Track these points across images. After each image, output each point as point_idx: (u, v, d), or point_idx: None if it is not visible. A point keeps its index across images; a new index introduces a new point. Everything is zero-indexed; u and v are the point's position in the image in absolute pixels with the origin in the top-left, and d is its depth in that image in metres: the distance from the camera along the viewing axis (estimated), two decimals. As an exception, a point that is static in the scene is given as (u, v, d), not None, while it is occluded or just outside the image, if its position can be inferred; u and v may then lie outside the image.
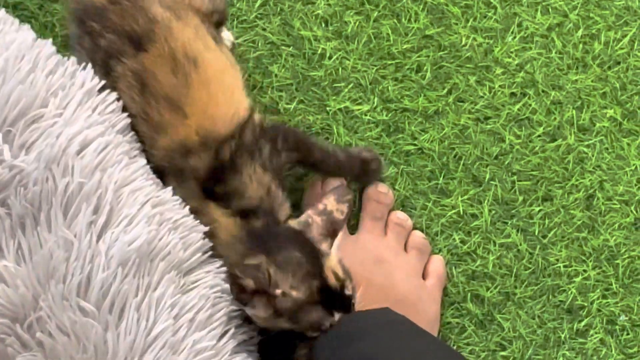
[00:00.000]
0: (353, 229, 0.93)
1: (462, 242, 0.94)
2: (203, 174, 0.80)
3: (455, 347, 0.92)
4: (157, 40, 0.79)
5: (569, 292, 0.94)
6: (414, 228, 0.94)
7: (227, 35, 0.92)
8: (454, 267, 0.94)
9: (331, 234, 0.80)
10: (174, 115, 0.79)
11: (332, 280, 0.77)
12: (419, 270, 0.91)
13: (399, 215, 0.93)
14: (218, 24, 0.87)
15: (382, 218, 0.92)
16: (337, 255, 0.79)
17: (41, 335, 0.69)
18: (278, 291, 0.75)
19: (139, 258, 0.73)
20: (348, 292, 0.78)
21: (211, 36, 0.83)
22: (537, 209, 0.95)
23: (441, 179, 0.95)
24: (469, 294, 0.93)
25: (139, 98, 0.80)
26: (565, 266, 0.94)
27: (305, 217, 0.80)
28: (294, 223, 0.81)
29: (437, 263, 0.92)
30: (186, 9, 0.82)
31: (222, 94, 0.81)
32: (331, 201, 0.81)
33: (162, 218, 0.77)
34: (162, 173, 0.82)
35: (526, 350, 0.92)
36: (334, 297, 0.77)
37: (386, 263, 0.89)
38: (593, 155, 0.96)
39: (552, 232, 0.95)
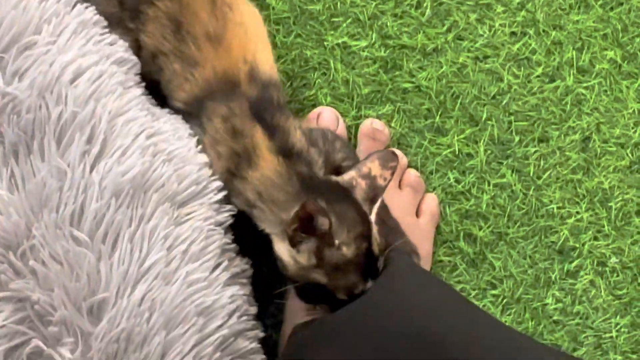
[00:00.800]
0: (348, 165, 0.92)
1: (457, 181, 0.94)
2: (254, 98, 0.79)
3: (446, 285, 0.93)
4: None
5: (561, 234, 0.94)
6: (409, 166, 0.94)
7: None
8: (447, 206, 0.94)
9: (371, 199, 0.77)
10: (215, 47, 0.79)
11: (376, 248, 0.76)
12: (412, 208, 0.91)
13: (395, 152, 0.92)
14: None
15: (377, 156, 0.92)
16: (375, 225, 0.77)
17: (34, 263, 0.70)
18: (337, 241, 0.73)
19: (133, 189, 0.73)
20: (380, 264, 0.76)
21: None
22: (533, 149, 0.95)
23: (438, 117, 0.95)
24: (462, 233, 0.94)
25: (172, 37, 0.80)
26: (558, 207, 0.94)
27: (349, 178, 0.78)
28: (338, 179, 0.78)
29: (431, 201, 0.92)
30: None
31: (259, 40, 0.81)
32: (376, 165, 0.78)
33: (157, 149, 0.76)
34: (199, 104, 0.80)
35: (516, 290, 0.93)
36: (373, 265, 0.75)
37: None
38: (591, 97, 0.95)
39: (546, 174, 0.95)
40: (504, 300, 0.93)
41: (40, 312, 0.69)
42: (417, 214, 0.92)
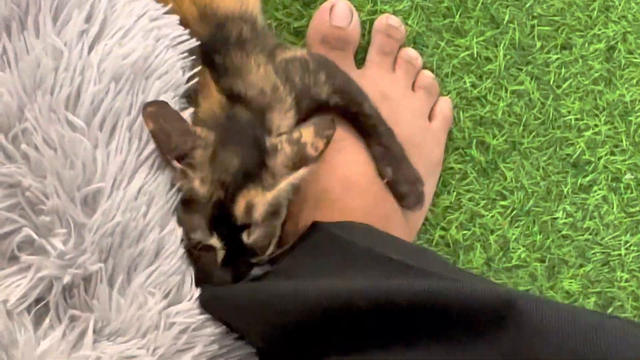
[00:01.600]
0: (360, 63, 0.87)
1: (473, 85, 0.90)
2: (205, 38, 0.74)
3: (455, 194, 0.89)
4: None
5: (577, 146, 0.90)
6: (424, 67, 0.89)
7: None
8: (461, 111, 0.90)
9: (294, 166, 0.70)
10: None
11: (238, 210, 0.69)
12: (425, 111, 0.87)
13: (410, 52, 0.87)
14: None
15: (391, 53, 0.87)
16: (275, 193, 0.70)
17: (26, 147, 0.65)
18: (193, 175, 0.69)
19: (134, 74, 0.68)
20: (246, 238, 0.70)
21: None
22: (555, 56, 0.90)
23: (457, 16, 0.89)
24: (474, 140, 0.90)
25: None
26: (576, 119, 0.90)
27: (275, 141, 0.71)
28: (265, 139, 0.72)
29: (445, 105, 0.88)
30: None
31: None
32: (309, 132, 0.71)
33: (160, 34, 0.71)
34: None
35: (526, 202, 0.90)
36: (224, 222, 0.69)
37: (392, 100, 0.85)
38: (620, 4, 0.90)
39: (567, 83, 0.90)
40: (514, 212, 0.90)
41: (31, 200, 0.65)
42: (430, 118, 0.87)
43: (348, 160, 0.80)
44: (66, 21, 0.67)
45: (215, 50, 0.74)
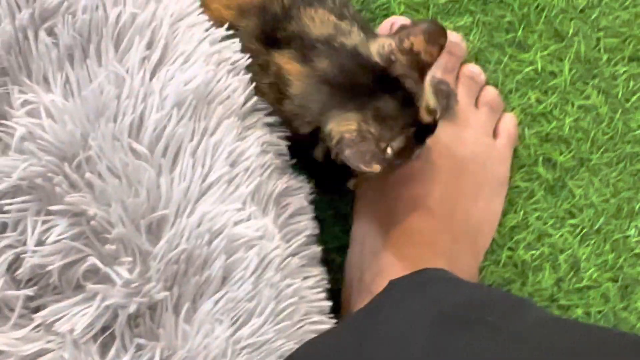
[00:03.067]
0: (421, 81, 0.86)
1: (538, 101, 0.87)
2: (254, 27, 0.74)
3: (522, 212, 0.87)
4: None
5: (648, 161, 0.87)
6: (487, 83, 0.87)
7: None
8: (526, 128, 0.87)
9: (418, 70, 0.71)
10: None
11: (426, 119, 0.71)
12: (489, 128, 0.85)
13: (472, 68, 0.85)
14: None
15: (453, 70, 0.85)
16: (430, 83, 0.72)
17: (90, 175, 0.65)
18: (383, 144, 0.70)
19: (196, 100, 0.67)
20: (437, 117, 0.72)
21: None
22: (622, 69, 0.87)
23: (520, 31, 0.87)
24: (541, 157, 0.87)
25: None
26: (646, 133, 0.87)
27: (387, 52, 0.71)
28: (373, 51, 0.72)
29: (509, 122, 0.86)
30: None
31: None
32: (420, 41, 0.71)
33: (221, 57, 0.71)
34: None
35: (597, 220, 0.87)
36: (427, 129, 0.72)
37: (455, 118, 0.83)
38: (689, 13, 0.87)
39: (636, 96, 0.87)
40: (583, 230, 0.87)
41: (96, 229, 0.65)
42: (494, 135, 0.85)
43: (413, 181, 0.78)
44: (128, 48, 0.67)
45: (271, 30, 0.73)
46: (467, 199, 0.81)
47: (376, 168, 0.69)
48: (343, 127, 0.70)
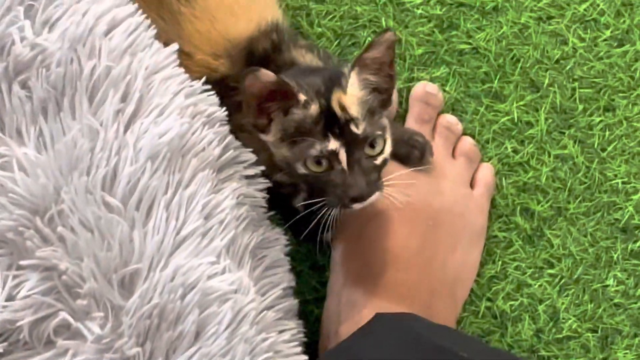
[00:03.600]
0: (398, 131, 0.86)
1: (515, 151, 0.88)
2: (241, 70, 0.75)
3: (500, 263, 0.86)
4: None
5: (626, 211, 0.87)
6: (464, 133, 0.87)
7: None
8: (504, 178, 0.87)
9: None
10: (185, 59, 0.75)
11: (336, 108, 0.71)
12: (466, 178, 0.85)
13: (449, 118, 0.86)
14: None
15: (430, 121, 0.85)
16: (356, 94, 0.72)
17: (63, 229, 0.64)
18: (303, 98, 0.71)
19: (170, 152, 0.67)
20: (356, 129, 0.71)
21: None
22: (598, 119, 0.88)
23: (496, 82, 0.88)
24: (519, 207, 0.87)
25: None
26: (623, 182, 0.87)
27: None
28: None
29: (487, 172, 0.86)
30: None
31: (230, 15, 0.76)
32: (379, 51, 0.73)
33: (196, 110, 0.70)
34: None
35: (575, 269, 0.87)
36: (335, 125, 0.71)
37: (432, 168, 0.83)
38: (663, 64, 0.88)
39: (611, 145, 0.88)
40: (562, 280, 0.87)
41: (68, 283, 0.64)
42: (472, 185, 0.85)
43: (390, 233, 0.78)
44: (102, 101, 0.67)
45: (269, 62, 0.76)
46: (445, 250, 0.81)
47: (269, 136, 0.72)
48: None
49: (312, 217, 0.77)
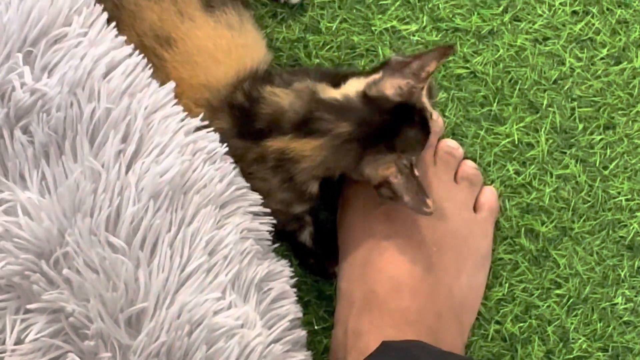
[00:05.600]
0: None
1: (517, 173, 0.88)
2: (236, 127, 0.75)
3: (507, 285, 0.87)
4: (124, 29, 0.73)
5: (631, 228, 0.87)
6: (465, 157, 0.87)
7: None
8: (507, 200, 0.88)
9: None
10: None
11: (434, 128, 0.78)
12: (469, 202, 0.85)
13: (449, 143, 0.86)
14: None
15: (430, 146, 0.86)
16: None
17: (68, 271, 0.65)
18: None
19: (172, 190, 0.68)
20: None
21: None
22: (598, 137, 0.88)
23: (495, 105, 0.88)
24: (523, 229, 0.87)
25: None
26: (627, 199, 0.88)
27: (407, 89, 0.76)
28: (390, 93, 0.75)
29: (489, 195, 0.86)
30: None
31: (211, 60, 0.75)
32: (434, 65, 0.76)
33: (196, 147, 0.71)
34: None
35: (583, 289, 0.87)
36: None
37: (434, 194, 0.83)
38: (661, 80, 0.88)
39: (613, 163, 0.88)
40: (570, 300, 0.86)
41: (75, 325, 0.65)
42: (475, 209, 0.86)
43: (394, 260, 0.78)
44: (103, 143, 0.68)
45: (250, 122, 0.75)
46: (450, 275, 0.81)
47: (430, 203, 0.75)
48: (383, 171, 0.74)
49: (319, 250, 0.78)
